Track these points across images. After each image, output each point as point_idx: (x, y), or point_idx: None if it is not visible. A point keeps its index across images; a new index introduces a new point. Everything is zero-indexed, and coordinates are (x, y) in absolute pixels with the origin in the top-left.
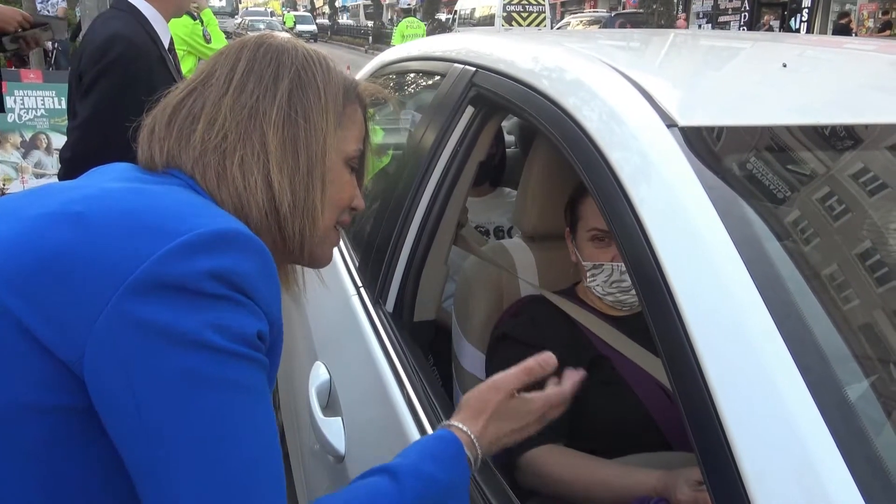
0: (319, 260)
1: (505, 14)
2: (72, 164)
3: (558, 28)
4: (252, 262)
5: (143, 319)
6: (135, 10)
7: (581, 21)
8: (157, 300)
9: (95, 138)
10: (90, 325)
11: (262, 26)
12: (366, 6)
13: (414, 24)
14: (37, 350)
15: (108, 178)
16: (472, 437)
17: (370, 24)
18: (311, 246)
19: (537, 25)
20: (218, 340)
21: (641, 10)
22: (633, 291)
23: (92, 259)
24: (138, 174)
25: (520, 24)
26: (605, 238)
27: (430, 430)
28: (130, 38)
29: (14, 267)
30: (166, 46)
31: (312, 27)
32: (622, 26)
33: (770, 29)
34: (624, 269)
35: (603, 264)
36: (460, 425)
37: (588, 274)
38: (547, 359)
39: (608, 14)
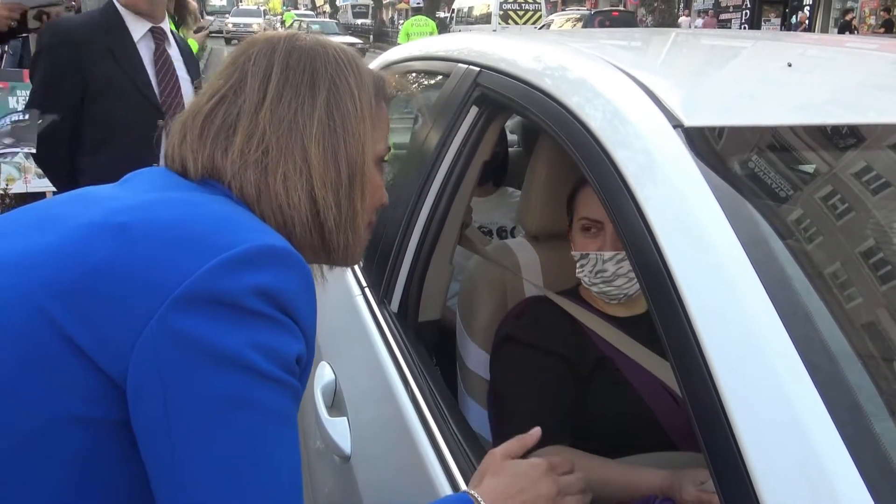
0: (354, 261)
1: (501, 12)
2: (35, 156)
3: (542, 26)
4: (296, 279)
5: (186, 334)
6: (111, 3)
7: (568, 19)
8: (202, 315)
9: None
10: (135, 339)
11: (255, 26)
12: (354, 6)
13: (420, 22)
14: (81, 361)
15: (148, 187)
16: (473, 492)
17: (359, 22)
18: (352, 251)
19: (533, 23)
20: (259, 362)
21: (622, 8)
22: (617, 283)
23: (137, 272)
24: (177, 182)
25: (516, 23)
26: (593, 227)
27: (435, 431)
28: (62, 25)
29: (60, 278)
30: (136, 39)
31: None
32: (601, 24)
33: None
34: (607, 258)
35: (588, 254)
36: (464, 488)
37: (577, 265)
38: (535, 433)
39: (588, 11)
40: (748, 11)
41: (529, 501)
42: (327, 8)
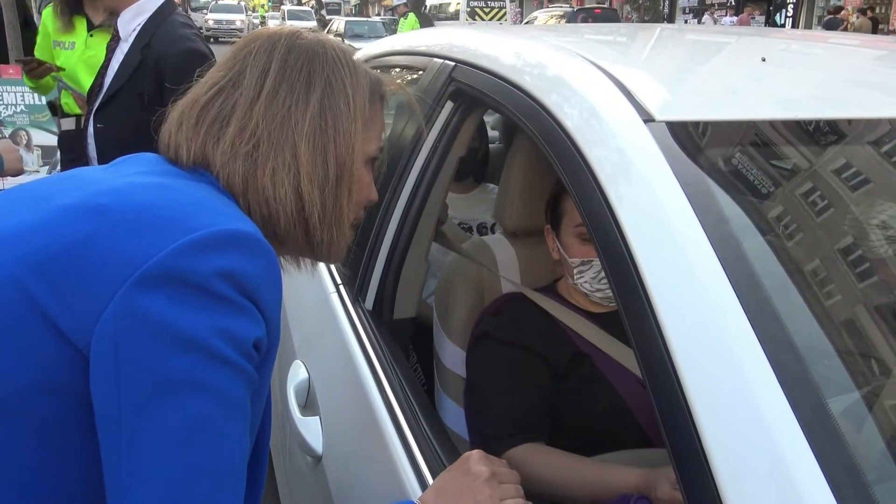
0: (338, 258)
1: (469, 10)
2: None
3: (525, 23)
4: (261, 265)
5: (145, 312)
6: None
7: (552, 16)
8: (164, 294)
9: None
10: (100, 313)
11: (238, 23)
12: (328, 3)
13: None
14: (51, 331)
15: (136, 171)
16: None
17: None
18: (335, 248)
19: (498, 20)
20: (217, 345)
21: (605, 6)
22: None
23: (109, 250)
24: (165, 168)
25: (482, 19)
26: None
27: (406, 431)
28: None
29: (36, 251)
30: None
31: (311, 23)
32: (584, 21)
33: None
34: None
35: (592, 260)
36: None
37: (575, 271)
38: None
39: (570, 9)
40: (733, 9)
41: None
42: (313, 3)
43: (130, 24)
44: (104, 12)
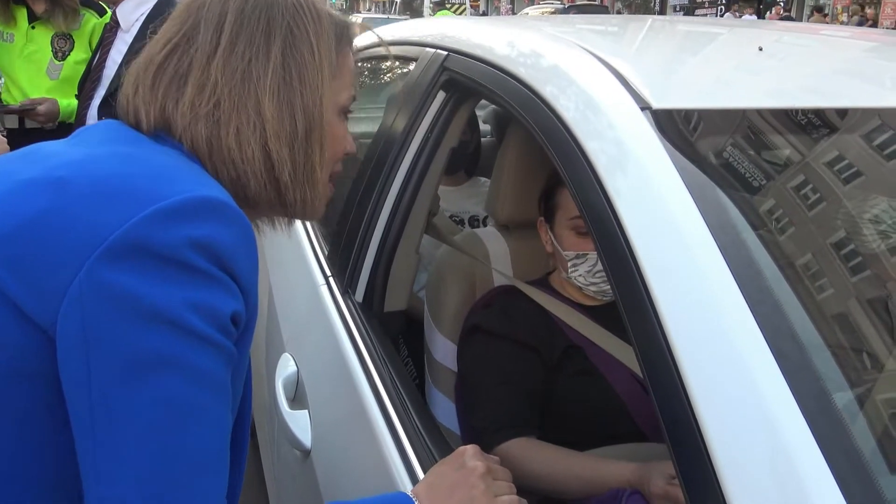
0: (314, 215)
1: (432, 3)
2: None
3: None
4: (235, 233)
5: (113, 287)
6: None
7: (543, 12)
8: (133, 267)
9: None
10: (64, 291)
11: None
12: None
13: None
14: (12, 312)
15: (96, 141)
16: (410, 494)
17: None
18: (310, 206)
19: (460, 13)
20: (191, 320)
21: (595, 3)
22: None
23: (70, 223)
24: (126, 135)
25: (423, 14)
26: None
27: (397, 424)
28: None
29: None
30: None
31: None
32: None
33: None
34: None
35: (587, 254)
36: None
37: (570, 264)
38: None
39: (562, 5)
40: (723, 7)
41: (464, 499)
42: None
43: (134, 13)
44: (46, 2)
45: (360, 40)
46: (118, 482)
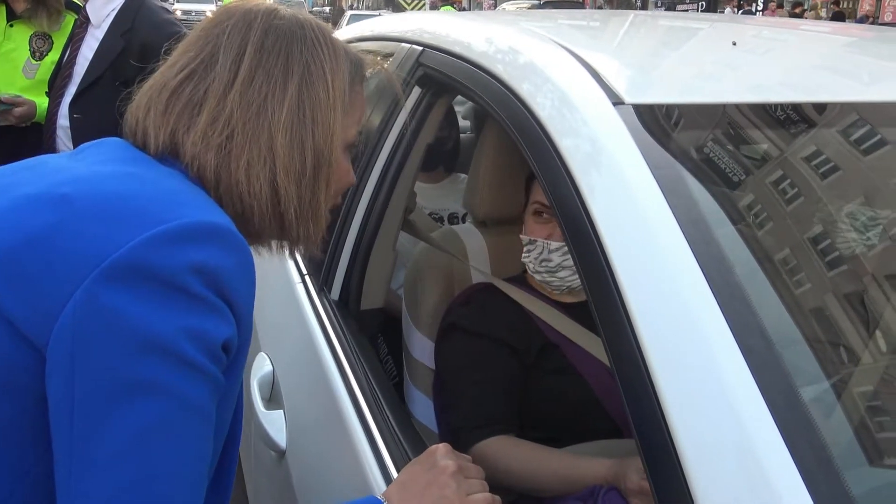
0: (313, 248)
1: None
2: None
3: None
4: (235, 260)
5: (108, 308)
6: None
7: (518, 7)
8: (130, 289)
9: None
10: (60, 309)
11: (209, 14)
12: None
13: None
14: (7, 328)
15: (101, 159)
16: (380, 497)
17: (315, 9)
18: (311, 240)
19: (419, 9)
20: (185, 348)
21: None
22: (561, 274)
23: (71, 242)
24: (132, 155)
25: (404, 9)
26: (545, 213)
27: (371, 424)
28: None
29: None
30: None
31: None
32: None
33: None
34: (553, 248)
35: (536, 240)
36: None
37: (524, 249)
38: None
39: (537, 1)
40: (704, 3)
41: (436, 499)
42: None
43: (104, 8)
44: (29, 1)
45: (343, 33)
46: (90, 501)
